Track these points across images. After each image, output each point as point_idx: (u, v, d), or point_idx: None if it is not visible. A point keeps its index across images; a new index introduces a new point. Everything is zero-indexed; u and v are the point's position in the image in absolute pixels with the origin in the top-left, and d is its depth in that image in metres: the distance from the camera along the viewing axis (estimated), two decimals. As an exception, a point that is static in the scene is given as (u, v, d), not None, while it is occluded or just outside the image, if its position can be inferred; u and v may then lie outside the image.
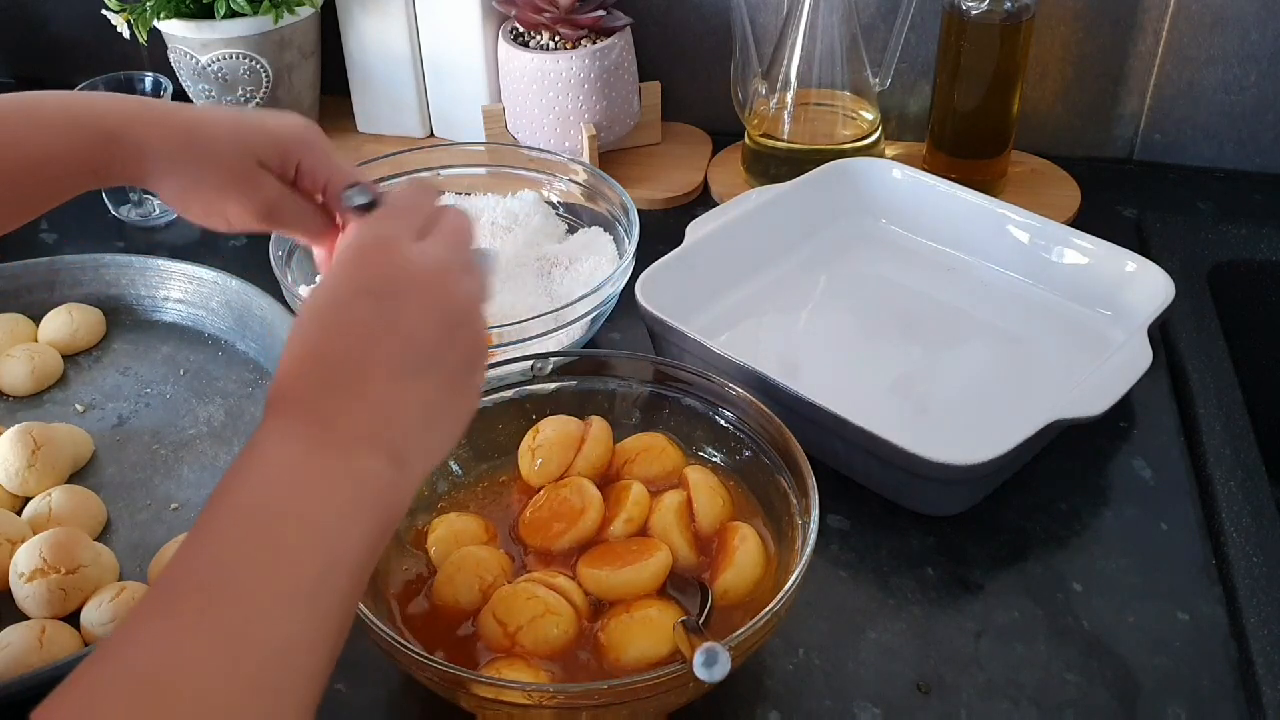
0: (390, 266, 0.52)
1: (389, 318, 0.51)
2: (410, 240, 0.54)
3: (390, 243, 0.53)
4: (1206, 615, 0.67)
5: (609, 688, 0.54)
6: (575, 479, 0.68)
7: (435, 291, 0.52)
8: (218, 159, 0.66)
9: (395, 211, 0.57)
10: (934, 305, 0.90)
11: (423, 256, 0.53)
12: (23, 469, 0.75)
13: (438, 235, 0.55)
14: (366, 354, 0.50)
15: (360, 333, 0.50)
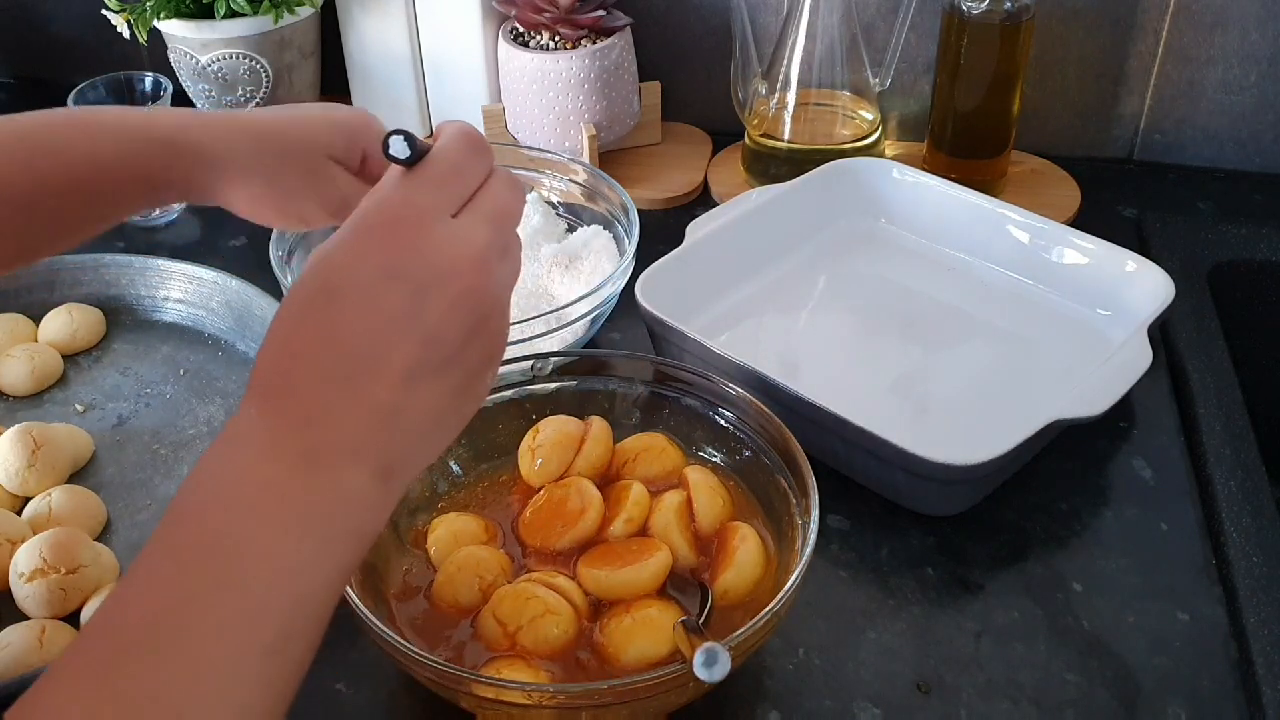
0: (425, 248, 0.46)
1: (415, 311, 0.45)
2: (449, 213, 0.48)
3: (427, 217, 0.47)
4: (1206, 615, 0.67)
5: (609, 688, 0.54)
6: (575, 479, 0.68)
7: (469, 285, 0.46)
8: (291, 159, 0.65)
9: (439, 175, 0.49)
10: (934, 305, 0.90)
11: (462, 240, 0.47)
12: (23, 469, 0.75)
13: (481, 211, 0.49)
14: (381, 349, 0.44)
15: (378, 323, 0.44)
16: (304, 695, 0.47)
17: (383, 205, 0.47)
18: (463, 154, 0.50)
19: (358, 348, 0.44)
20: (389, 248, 0.46)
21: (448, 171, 0.49)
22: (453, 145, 0.49)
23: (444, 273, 0.46)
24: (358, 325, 0.44)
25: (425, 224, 0.46)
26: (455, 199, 0.48)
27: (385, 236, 0.46)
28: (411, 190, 0.47)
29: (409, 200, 0.47)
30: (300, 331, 0.45)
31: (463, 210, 0.48)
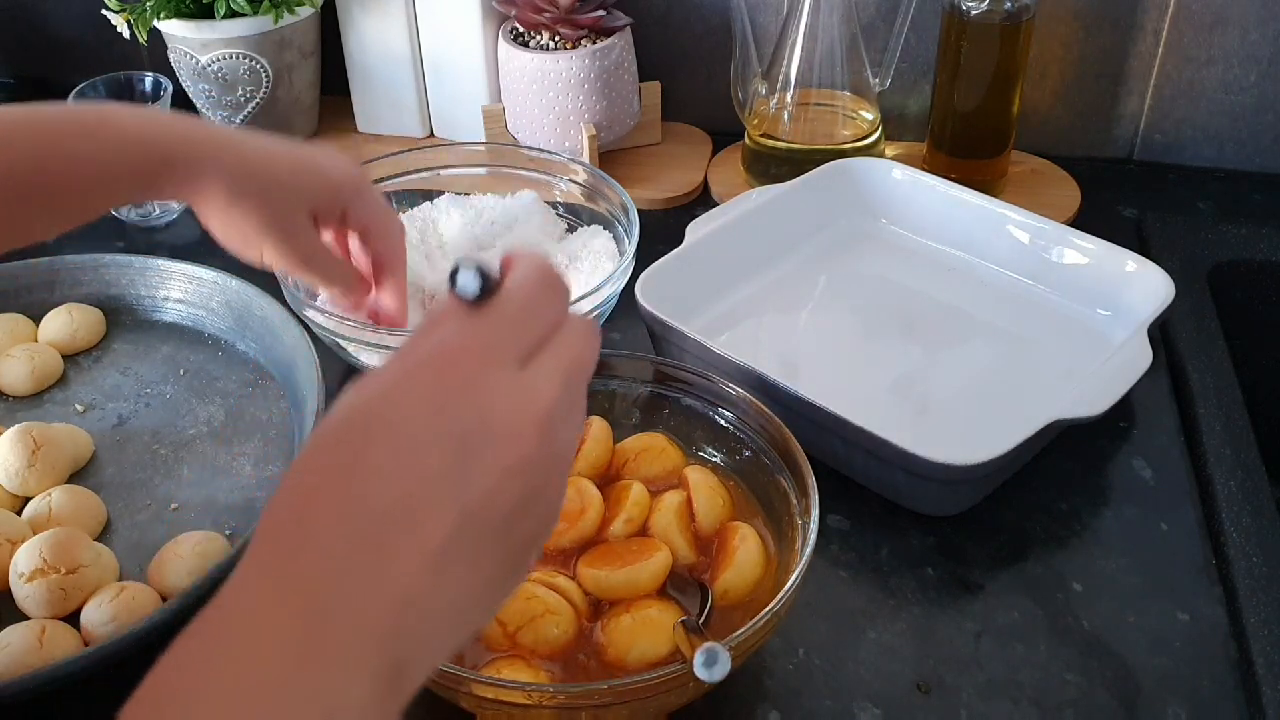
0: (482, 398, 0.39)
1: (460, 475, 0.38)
2: (516, 361, 0.41)
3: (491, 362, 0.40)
4: (1206, 615, 0.67)
5: (609, 688, 0.54)
6: (575, 479, 0.68)
7: (528, 453, 0.40)
8: (267, 198, 0.66)
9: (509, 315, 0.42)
10: (934, 305, 0.90)
11: (527, 396, 0.40)
12: (23, 469, 0.75)
13: (552, 363, 0.42)
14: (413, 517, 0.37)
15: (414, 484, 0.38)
16: (304, 695, 0.47)
17: (440, 342, 0.40)
18: (538, 293, 0.43)
19: (390, 515, 0.37)
20: (440, 391, 0.39)
21: (518, 312, 0.42)
22: (527, 282, 0.43)
23: (500, 434, 0.39)
24: (389, 484, 0.38)
25: (487, 370, 0.40)
26: (525, 346, 0.42)
27: (438, 377, 0.40)
28: (475, 329, 0.41)
29: (471, 339, 0.41)
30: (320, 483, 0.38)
31: (531, 360, 0.42)
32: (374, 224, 0.71)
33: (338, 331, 0.81)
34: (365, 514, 0.37)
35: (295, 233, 0.68)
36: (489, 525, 0.39)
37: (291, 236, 0.68)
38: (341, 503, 0.37)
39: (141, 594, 0.67)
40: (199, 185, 0.65)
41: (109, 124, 0.63)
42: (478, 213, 0.94)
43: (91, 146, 0.62)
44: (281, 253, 0.68)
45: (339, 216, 0.70)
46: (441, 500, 0.38)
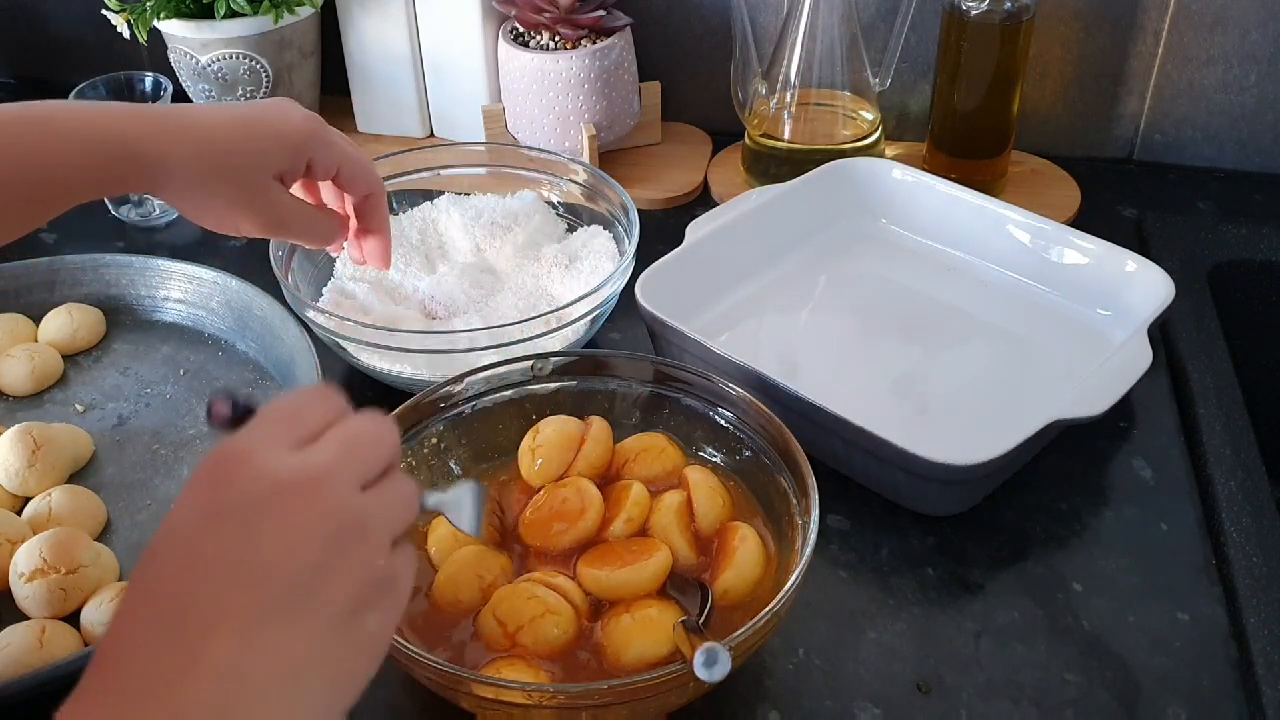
0: (248, 481, 0.41)
1: (242, 548, 0.40)
2: (283, 449, 0.43)
3: (253, 452, 0.42)
4: (1206, 615, 0.67)
5: (609, 688, 0.54)
6: (575, 479, 0.68)
7: (303, 505, 0.41)
8: (235, 176, 0.67)
9: (273, 414, 0.45)
10: (934, 305, 0.90)
11: (292, 465, 0.42)
12: (23, 469, 0.75)
13: (327, 439, 0.44)
14: (210, 597, 0.39)
15: (204, 569, 0.40)
16: (304, 695, 0.47)
17: (213, 453, 0.43)
18: (303, 397, 0.46)
19: (187, 604, 0.39)
20: (210, 489, 0.42)
21: (284, 410, 0.45)
22: (293, 393, 0.47)
23: (269, 498, 0.41)
24: (179, 579, 0.40)
25: (252, 457, 0.42)
26: (293, 435, 0.44)
27: (208, 480, 0.42)
28: (243, 433, 0.44)
29: (239, 441, 0.43)
30: (136, 596, 0.41)
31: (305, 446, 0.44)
32: (342, 167, 0.72)
33: (338, 331, 0.81)
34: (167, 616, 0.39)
35: (265, 199, 0.69)
36: (288, 584, 0.40)
37: (263, 204, 0.69)
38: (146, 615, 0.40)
39: (141, 594, 0.67)
40: (161, 177, 0.65)
41: (57, 120, 0.63)
42: (478, 213, 0.94)
43: (42, 143, 0.62)
44: (256, 223, 0.70)
45: (305, 169, 0.70)
46: (232, 575, 0.40)
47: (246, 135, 0.67)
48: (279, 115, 0.69)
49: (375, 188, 0.75)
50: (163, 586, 0.40)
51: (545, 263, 0.90)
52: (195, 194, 0.67)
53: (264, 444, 0.43)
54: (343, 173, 0.72)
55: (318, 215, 0.74)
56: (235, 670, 0.39)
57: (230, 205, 0.68)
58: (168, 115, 0.67)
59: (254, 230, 0.71)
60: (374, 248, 0.78)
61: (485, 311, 0.85)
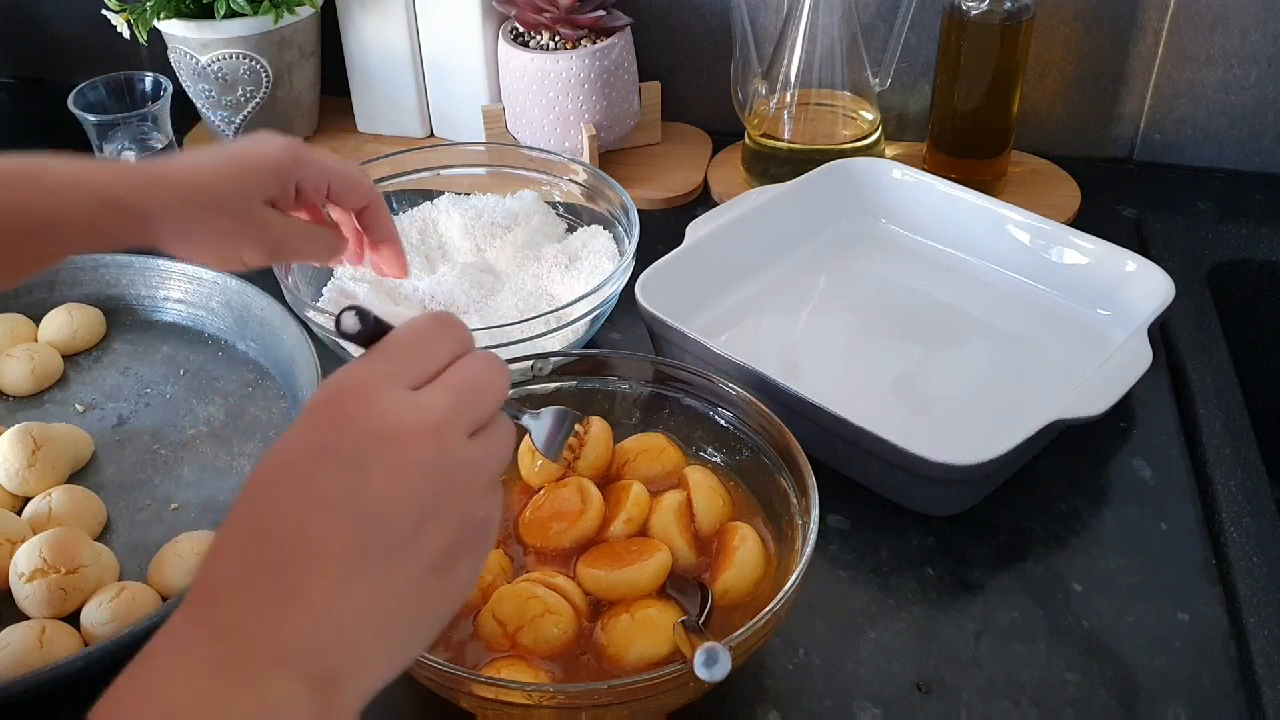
0: (365, 421, 0.41)
1: (351, 491, 0.40)
2: (401, 388, 0.43)
3: (371, 390, 0.42)
4: (1206, 615, 0.67)
5: (609, 688, 0.54)
6: (575, 479, 0.68)
7: (418, 456, 0.42)
8: (225, 212, 0.68)
9: (395, 347, 0.45)
10: (934, 305, 0.90)
11: (411, 409, 0.42)
12: (23, 469, 0.75)
13: (445, 383, 0.44)
14: (314, 539, 0.40)
15: (312, 508, 0.40)
16: (304, 695, 0.46)
17: (330, 382, 0.43)
18: (428, 329, 0.46)
19: (288, 540, 0.40)
20: (326, 427, 0.42)
21: (407, 345, 0.45)
22: (418, 320, 0.46)
23: (385, 443, 0.41)
24: (287, 514, 0.40)
25: (370, 396, 0.42)
26: (414, 373, 0.44)
27: (324, 413, 0.42)
28: (364, 363, 0.44)
29: (357, 373, 0.43)
30: (235, 527, 0.41)
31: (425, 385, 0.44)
32: (331, 184, 0.72)
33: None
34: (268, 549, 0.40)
35: (259, 226, 0.69)
36: (392, 530, 0.41)
37: (257, 231, 0.69)
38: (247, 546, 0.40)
39: (141, 594, 0.67)
40: (152, 226, 0.66)
41: (50, 172, 0.64)
42: (478, 213, 0.94)
43: (36, 196, 0.63)
44: (256, 251, 0.70)
45: (295, 192, 0.71)
46: (338, 517, 0.40)
47: (228, 170, 0.68)
48: (257, 145, 0.70)
49: (369, 197, 0.75)
50: (268, 519, 0.41)
51: (545, 263, 0.90)
52: (189, 236, 0.68)
53: (383, 381, 0.43)
54: (333, 189, 0.73)
55: (315, 231, 0.74)
56: (332, 611, 0.39)
57: (226, 238, 0.69)
58: (150, 168, 0.68)
59: (257, 259, 0.71)
60: (387, 257, 0.78)
61: (485, 311, 0.85)
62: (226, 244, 0.69)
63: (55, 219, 0.63)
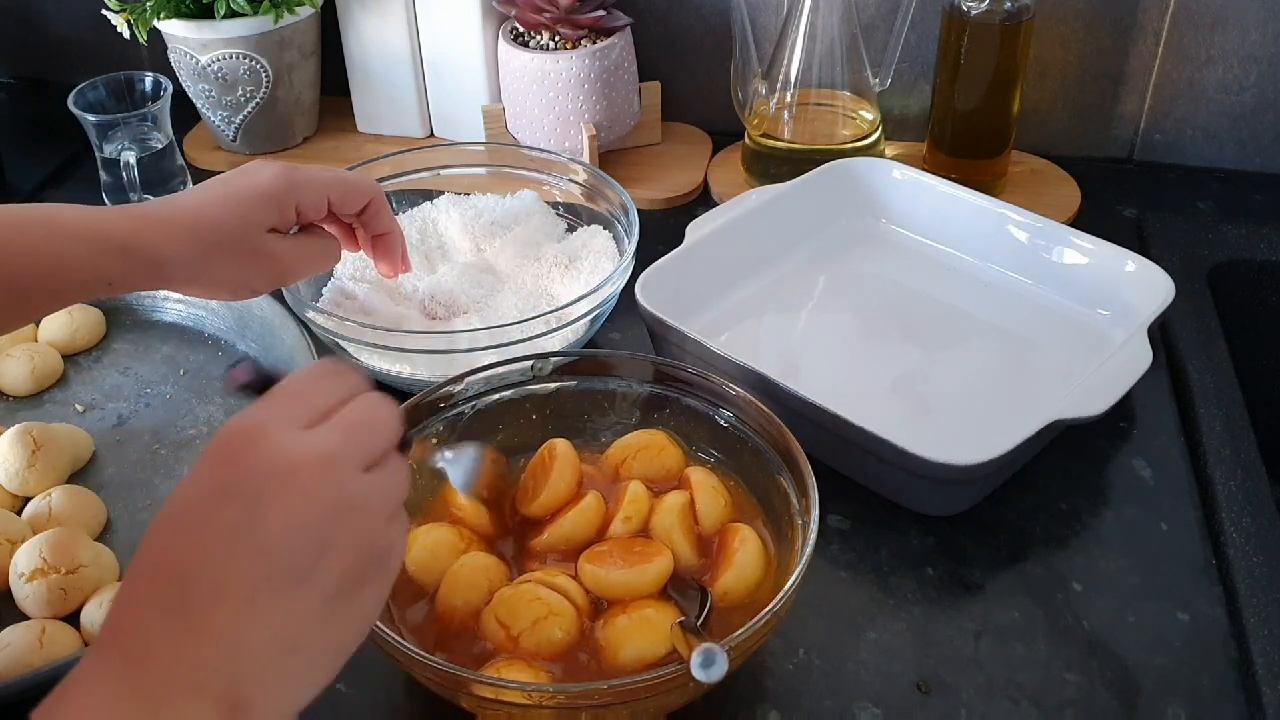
0: (259, 458, 0.44)
1: (249, 526, 0.42)
2: (293, 428, 0.45)
3: (265, 430, 0.45)
4: (1206, 615, 0.67)
5: (609, 688, 0.54)
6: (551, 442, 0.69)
7: (311, 488, 0.44)
8: (231, 249, 0.69)
9: (282, 395, 0.48)
10: (934, 305, 0.90)
11: (302, 445, 0.45)
12: (23, 469, 0.75)
13: (333, 423, 0.47)
14: (215, 572, 0.42)
15: (213, 542, 0.42)
16: (304, 695, 0.46)
17: (225, 428, 0.45)
18: (317, 375, 0.49)
19: (193, 574, 0.42)
20: (223, 465, 0.44)
21: (297, 390, 0.48)
22: (307, 369, 0.50)
23: (278, 477, 0.43)
24: (189, 549, 0.42)
25: (264, 436, 0.44)
26: (304, 414, 0.46)
27: (221, 455, 0.44)
28: (255, 408, 0.47)
29: (251, 417, 0.45)
30: (145, 565, 0.43)
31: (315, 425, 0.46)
32: (331, 197, 0.73)
33: (338, 331, 0.81)
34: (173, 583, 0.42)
35: (266, 257, 0.71)
36: (291, 560, 0.43)
37: (265, 262, 0.71)
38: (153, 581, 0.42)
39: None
40: (162, 270, 0.68)
41: (61, 220, 0.65)
42: (478, 213, 0.94)
43: (49, 243, 0.64)
44: (265, 280, 0.73)
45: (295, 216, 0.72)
46: (237, 551, 0.42)
47: (229, 206, 0.69)
48: (252, 177, 0.71)
49: (371, 194, 0.76)
50: (170, 556, 0.42)
51: (545, 263, 0.90)
52: (199, 278, 0.69)
53: (276, 422, 0.45)
54: (334, 202, 0.74)
55: (318, 246, 0.76)
56: (236, 638, 0.41)
57: (236, 274, 0.71)
58: (157, 212, 0.69)
59: (266, 287, 0.74)
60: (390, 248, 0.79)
61: (485, 311, 0.85)
62: (237, 279, 0.71)
63: (65, 266, 0.65)
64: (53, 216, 0.65)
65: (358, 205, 0.75)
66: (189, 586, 0.42)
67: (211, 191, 0.70)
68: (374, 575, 0.46)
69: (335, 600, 0.44)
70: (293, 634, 0.43)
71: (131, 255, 0.66)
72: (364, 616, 0.46)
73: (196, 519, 0.43)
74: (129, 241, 0.66)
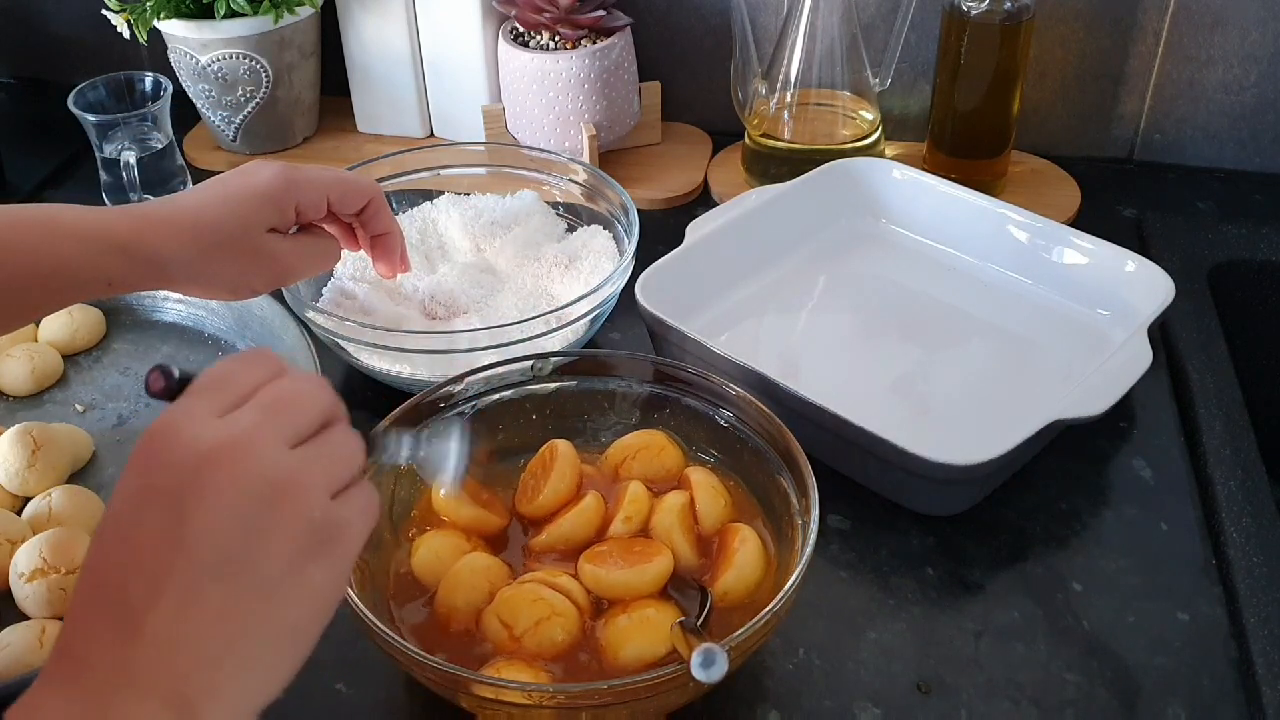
0: (174, 454, 0.43)
1: (173, 522, 0.42)
2: (207, 418, 0.44)
3: (178, 426, 0.43)
4: (1206, 615, 0.67)
5: (609, 688, 0.54)
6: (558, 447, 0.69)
7: (229, 473, 0.42)
8: (231, 249, 0.69)
9: (197, 389, 0.46)
10: (934, 305, 0.90)
11: (217, 431, 0.43)
12: (23, 469, 0.75)
13: (250, 405, 0.45)
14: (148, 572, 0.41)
15: (142, 546, 0.42)
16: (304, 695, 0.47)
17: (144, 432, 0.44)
18: (233, 364, 0.48)
19: (126, 579, 0.42)
20: (142, 469, 0.43)
21: (211, 381, 0.47)
22: (224, 362, 0.48)
23: (195, 469, 0.42)
24: (121, 557, 0.42)
25: (177, 432, 0.43)
26: (220, 403, 0.45)
27: (139, 460, 0.44)
28: (171, 407, 0.45)
29: (166, 417, 0.44)
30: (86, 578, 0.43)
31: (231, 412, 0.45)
32: (330, 197, 0.73)
33: (338, 331, 0.81)
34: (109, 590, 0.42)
35: (266, 257, 0.71)
36: (221, 550, 0.42)
37: (266, 262, 0.71)
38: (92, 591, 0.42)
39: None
40: (163, 270, 0.67)
41: (61, 220, 0.65)
42: (478, 213, 0.94)
43: (50, 243, 0.64)
44: (265, 280, 0.73)
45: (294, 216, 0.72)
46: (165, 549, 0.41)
47: (229, 206, 0.69)
48: (251, 177, 0.71)
49: (370, 193, 0.76)
50: (104, 569, 0.42)
51: (545, 263, 0.90)
52: (200, 277, 0.69)
53: (190, 416, 0.44)
54: (333, 201, 0.74)
55: (318, 246, 0.76)
56: (176, 637, 0.41)
57: (236, 274, 0.71)
58: (157, 213, 0.69)
59: (266, 287, 0.74)
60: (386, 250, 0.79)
61: (485, 311, 0.85)
62: (238, 279, 0.71)
63: (65, 266, 0.65)
64: (52, 216, 0.65)
65: (357, 205, 0.75)
66: (124, 592, 0.41)
67: (211, 191, 0.70)
68: (322, 552, 0.44)
69: (279, 584, 0.43)
70: (235, 623, 0.42)
71: (131, 255, 0.66)
72: (316, 595, 0.44)
73: (125, 526, 0.43)
74: (129, 241, 0.66)
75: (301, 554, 0.44)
